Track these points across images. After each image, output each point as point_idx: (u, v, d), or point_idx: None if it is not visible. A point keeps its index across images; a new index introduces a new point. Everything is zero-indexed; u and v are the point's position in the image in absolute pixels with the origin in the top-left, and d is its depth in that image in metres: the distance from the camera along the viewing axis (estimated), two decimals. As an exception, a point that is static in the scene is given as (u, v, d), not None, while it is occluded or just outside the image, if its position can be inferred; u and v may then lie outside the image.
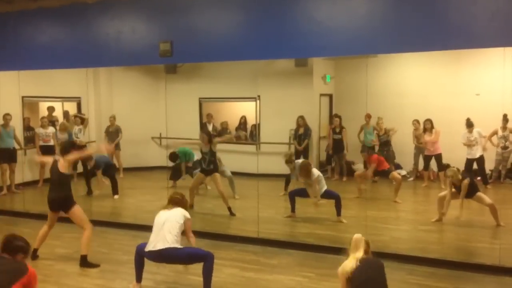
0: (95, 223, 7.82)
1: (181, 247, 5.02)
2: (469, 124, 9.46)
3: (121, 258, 6.36)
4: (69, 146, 6.61)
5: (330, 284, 5.40)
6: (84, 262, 6.04)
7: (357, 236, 4.06)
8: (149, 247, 5.03)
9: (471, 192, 7.34)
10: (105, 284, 5.55)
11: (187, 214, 5.19)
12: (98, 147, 6.77)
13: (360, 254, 3.90)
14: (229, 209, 8.27)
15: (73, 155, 6.22)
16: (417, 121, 10.31)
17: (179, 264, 5.30)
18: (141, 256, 5.17)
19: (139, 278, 5.23)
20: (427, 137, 10.04)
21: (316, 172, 7.93)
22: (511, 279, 5.55)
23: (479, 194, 7.35)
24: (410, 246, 6.72)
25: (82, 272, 5.91)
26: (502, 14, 5.43)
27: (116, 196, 9.69)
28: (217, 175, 8.40)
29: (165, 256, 4.99)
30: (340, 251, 6.16)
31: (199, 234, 6.88)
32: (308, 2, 6.42)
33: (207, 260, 5.01)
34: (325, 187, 7.89)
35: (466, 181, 7.31)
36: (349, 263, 3.87)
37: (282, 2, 6.57)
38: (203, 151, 8.37)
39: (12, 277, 3.56)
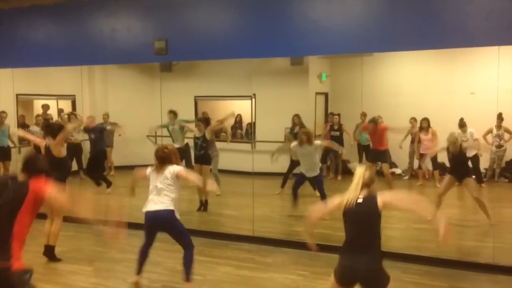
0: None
1: (178, 218, 5.08)
2: (461, 125, 9.47)
3: (116, 257, 6.35)
4: (58, 128, 6.21)
5: (325, 282, 5.39)
6: (51, 253, 6.08)
7: (359, 169, 3.85)
8: (147, 207, 5.10)
9: (463, 173, 7.34)
10: (99, 282, 5.53)
11: (176, 168, 5.10)
12: (78, 120, 6.61)
13: (356, 192, 3.71)
14: (201, 202, 8.29)
15: (59, 136, 6.04)
16: (414, 119, 10.29)
17: (168, 233, 5.22)
18: (147, 248, 5.18)
19: (139, 271, 5.19)
20: (422, 136, 10.05)
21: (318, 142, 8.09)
22: (505, 277, 5.58)
23: (471, 180, 7.33)
24: (405, 244, 6.74)
25: (76, 270, 5.90)
26: (497, 13, 5.45)
27: (108, 190, 9.69)
28: (208, 168, 8.41)
29: (161, 218, 5.03)
30: (335, 249, 6.21)
31: (194, 232, 6.89)
32: (303, 1, 6.42)
33: (188, 248, 5.08)
34: (319, 165, 7.99)
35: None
36: (347, 197, 3.71)
37: (277, 1, 6.57)
38: (196, 136, 8.41)
39: (14, 206, 3.37)
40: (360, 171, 3.83)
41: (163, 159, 5.13)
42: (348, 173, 11.07)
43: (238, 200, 9.04)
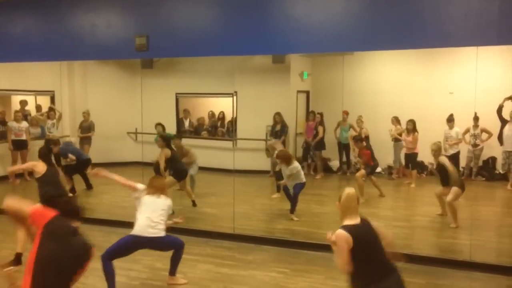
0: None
1: (165, 235, 5.12)
2: (450, 119, 9.56)
3: (95, 255, 6.27)
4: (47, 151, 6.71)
5: (304, 279, 5.44)
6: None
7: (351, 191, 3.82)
8: (137, 231, 5.01)
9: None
10: (79, 280, 5.46)
11: (169, 202, 5.30)
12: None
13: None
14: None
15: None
16: (395, 118, 10.34)
17: (157, 250, 5.30)
18: (111, 263, 4.94)
19: None
20: (405, 136, 10.15)
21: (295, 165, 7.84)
22: (481, 274, 5.67)
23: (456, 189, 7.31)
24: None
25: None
26: (475, 14, 5.53)
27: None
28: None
29: (152, 243, 5.05)
30: (315, 247, 6.25)
31: (174, 229, 6.85)
32: (285, -1, 6.45)
33: (179, 250, 5.22)
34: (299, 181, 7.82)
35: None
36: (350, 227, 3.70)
37: (259, -2, 6.58)
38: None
39: (78, 263, 3.33)
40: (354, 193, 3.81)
41: (160, 189, 5.30)
42: (328, 171, 11.18)
43: (218, 197, 9.02)
